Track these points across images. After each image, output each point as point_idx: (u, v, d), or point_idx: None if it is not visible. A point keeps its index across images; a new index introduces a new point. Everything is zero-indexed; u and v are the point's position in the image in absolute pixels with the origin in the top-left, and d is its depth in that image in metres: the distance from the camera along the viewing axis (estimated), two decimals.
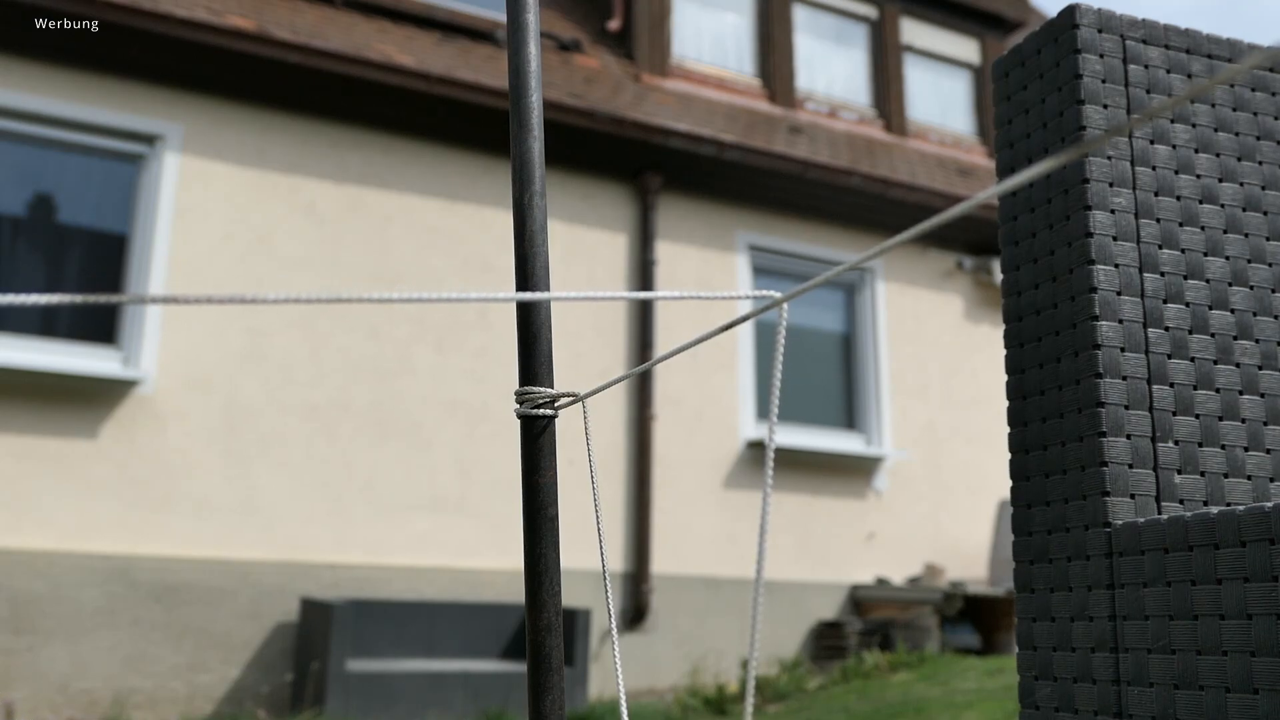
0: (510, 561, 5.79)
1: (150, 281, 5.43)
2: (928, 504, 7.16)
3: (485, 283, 6.14)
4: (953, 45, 8.78)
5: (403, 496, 5.74)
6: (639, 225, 6.69)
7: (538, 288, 0.78)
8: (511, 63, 0.82)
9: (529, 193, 0.79)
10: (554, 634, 0.76)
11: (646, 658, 6.14)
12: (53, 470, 5.07)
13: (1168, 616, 0.92)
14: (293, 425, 5.57)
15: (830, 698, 5.09)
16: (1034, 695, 1.05)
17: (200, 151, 5.66)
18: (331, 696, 4.68)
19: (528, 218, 0.79)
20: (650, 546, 6.26)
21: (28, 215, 5.56)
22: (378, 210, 6.01)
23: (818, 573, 6.74)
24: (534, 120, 0.80)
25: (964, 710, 4.18)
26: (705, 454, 6.57)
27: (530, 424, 0.77)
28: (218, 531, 5.33)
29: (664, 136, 6.49)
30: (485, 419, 5.98)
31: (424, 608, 5.39)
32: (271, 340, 5.60)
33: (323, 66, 5.73)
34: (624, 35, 7.66)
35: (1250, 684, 0.83)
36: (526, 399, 0.77)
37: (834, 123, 7.95)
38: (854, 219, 7.34)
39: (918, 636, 6.14)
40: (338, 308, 5.78)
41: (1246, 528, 0.85)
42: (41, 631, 4.94)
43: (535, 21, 0.83)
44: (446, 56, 6.32)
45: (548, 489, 0.77)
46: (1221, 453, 1.06)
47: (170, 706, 5.11)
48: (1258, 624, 0.83)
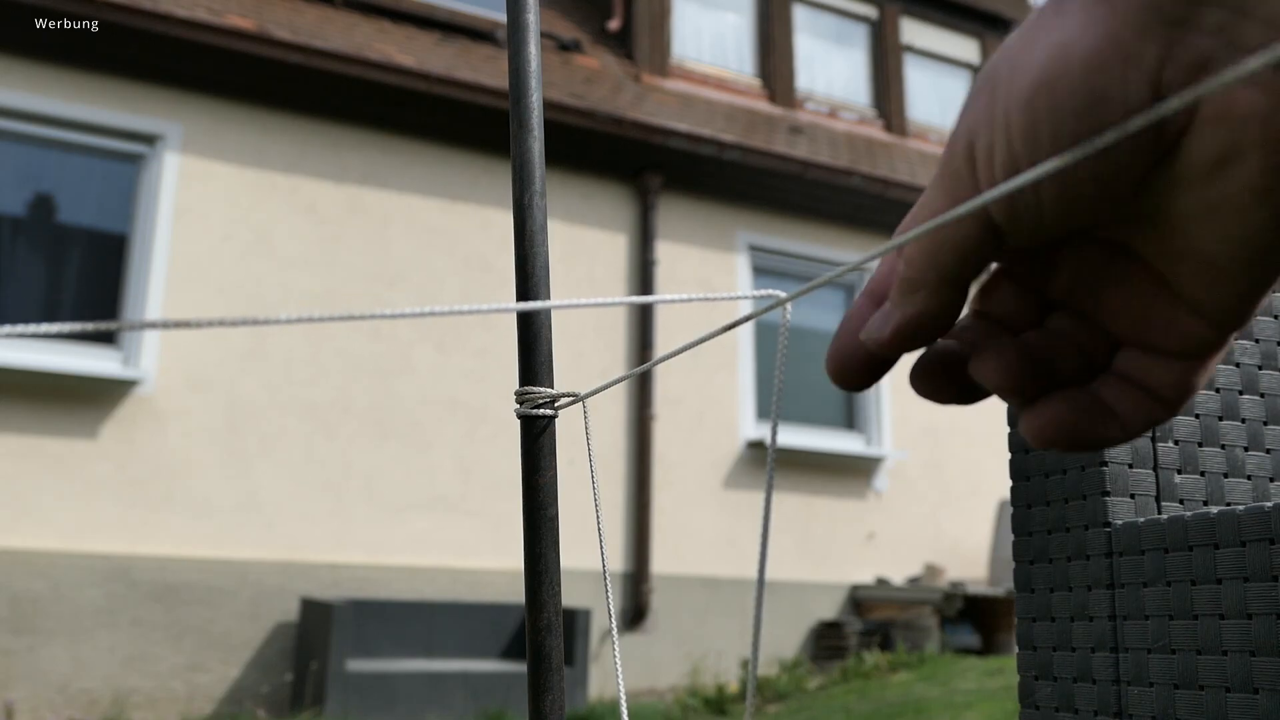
0: (510, 561, 5.79)
1: (150, 281, 5.43)
2: (928, 504, 7.16)
3: (485, 283, 6.14)
4: (953, 45, 8.79)
5: (403, 496, 5.74)
6: (639, 225, 6.69)
7: (538, 288, 0.78)
8: (511, 63, 0.82)
9: (529, 193, 0.79)
10: (554, 634, 0.76)
11: (646, 658, 6.14)
12: (53, 470, 5.07)
13: (1168, 616, 0.92)
14: (293, 425, 5.57)
15: (830, 698, 5.09)
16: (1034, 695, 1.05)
17: (200, 151, 5.66)
18: (331, 696, 4.68)
19: (528, 218, 0.79)
20: (650, 546, 6.26)
21: (28, 215, 5.56)
22: (378, 210, 6.01)
23: (818, 573, 6.74)
24: (534, 120, 0.80)
25: (964, 710, 4.18)
26: (705, 454, 6.57)
27: (530, 424, 0.77)
28: (218, 531, 5.33)
29: (664, 136, 6.49)
30: (485, 419, 5.97)
31: (424, 608, 5.39)
32: (272, 340, 5.60)
33: (323, 66, 5.73)
34: (624, 35, 7.66)
35: (1250, 684, 0.83)
36: (526, 399, 0.77)
37: (834, 123, 7.95)
38: (854, 219, 7.34)
39: (918, 636, 6.14)
40: (337, 307, 5.79)
41: (1246, 528, 0.86)
42: (41, 631, 4.94)
43: (535, 21, 0.83)
44: (446, 56, 6.32)
45: (548, 489, 0.77)
46: (1221, 453, 1.06)
47: (170, 706, 5.11)
48: (1258, 624, 0.83)
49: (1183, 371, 0.34)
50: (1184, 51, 0.29)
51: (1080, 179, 0.30)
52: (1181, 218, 0.31)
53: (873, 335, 0.37)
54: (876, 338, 0.37)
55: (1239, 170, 0.29)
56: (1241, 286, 0.32)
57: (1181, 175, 0.30)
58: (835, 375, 0.39)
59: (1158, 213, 0.32)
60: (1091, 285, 0.35)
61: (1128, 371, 0.35)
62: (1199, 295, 0.32)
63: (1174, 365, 0.34)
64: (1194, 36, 0.29)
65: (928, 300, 0.35)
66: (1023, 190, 0.31)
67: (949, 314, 0.35)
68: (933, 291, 0.35)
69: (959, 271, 0.34)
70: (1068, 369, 0.36)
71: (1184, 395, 0.35)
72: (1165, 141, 0.30)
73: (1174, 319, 0.33)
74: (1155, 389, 0.35)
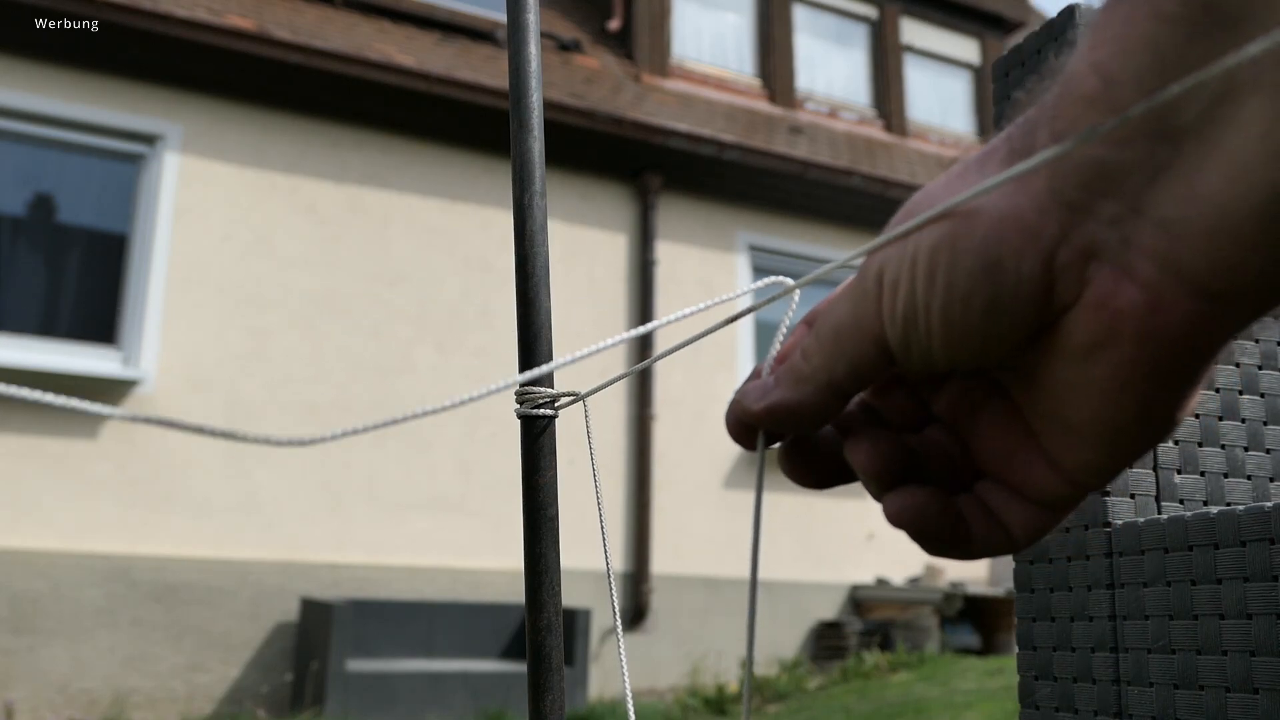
0: (510, 561, 5.79)
1: (150, 281, 5.43)
2: None
3: (485, 283, 6.14)
4: (953, 45, 8.78)
5: (403, 496, 5.74)
6: (639, 225, 6.69)
7: (538, 288, 0.78)
8: (511, 63, 0.82)
9: (529, 193, 0.79)
10: (554, 634, 0.76)
11: (646, 658, 6.14)
12: (53, 470, 5.07)
13: (1168, 616, 0.92)
14: (293, 425, 5.57)
15: (830, 698, 5.09)
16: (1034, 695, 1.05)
17: (200, 151, 5.66)
18: (331, 696, 4.68)
19: (528, 218, 0.79)
20: (650, 546, 6.26)
21: (28, 215, 5.56)
22: (378, 210, 6.01)
23: (818, 573, 6.74)
24: (534, 120, 0.80)
25: (964, 710, 4.19)
26: (705, 454, 6.57)
27: (530, 424, 0.77)
28: (218, 531, 5.33)
29: (664, 136, 6.49)
30: (485, 419, 5.97)
31: (424, 608, 5.39)
32: (272, 340, 5.60)
33: (323, 66, 5.72)
34: (624, 35, 7.66)
35: (1250, 684, 0.83)
36: (526, 399, 0.77)
37: (834, 123, 7.95)
38: (854, 219, 7.34)
39: (918, 637, 6.14)
40: (337, 307, 5.79)
41: (1246, 528, 0.86)
42: (41, 631, 4.94)
43: (535, 21, 0.82)
44: (446, 56, 6.32)
45: (548, 489, 0.77)
46: (1221, 453, 1.06)
47: (170, 706, 5.11)
48: (1258, 624, 0.84)
49: (1037, 516, 0.36)
50: (1079, 236, 0.30)
51: (966, 332, 0.32)
52: (1054, 384, 0.33)
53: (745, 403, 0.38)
54: (748, 407, 0.38)
55: (1110, 356, 0.31)
56: (1100, 458, 0.33)
57: (1059, 348, 0.32)
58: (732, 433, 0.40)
59: (1034, 374, 0.34)
60: (969, 411, 0.37)
61: (986, 499, 0.37)
62: (1059, 455, 0.34)
63: (1028, 508, 0.36)
64: (1090, 224, 0.30)
65: (810, 395, 0.37)
66: (916, 328, 0.33)
67: (824, 415, 0.37)
68: (818, 389, 0.36)
69: (847, 380, 0.36)
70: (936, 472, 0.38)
71: (1033, 537, 0.37)
72: (1049, 316, 0.32)
73: (1034, 467, 0.35)
74: (1008, 525, 0.37)
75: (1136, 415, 0.32)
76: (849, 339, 0.35)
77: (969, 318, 0.32)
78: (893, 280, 0.33)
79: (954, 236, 0.32)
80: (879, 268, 0.34)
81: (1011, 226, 0.31)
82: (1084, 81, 0.30)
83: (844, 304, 0.36)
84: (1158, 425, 0.32)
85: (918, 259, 0.33)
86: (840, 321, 0.36)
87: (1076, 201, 0.30)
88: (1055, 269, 0.31)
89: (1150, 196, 0.29)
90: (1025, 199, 0.31)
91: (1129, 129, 0.29)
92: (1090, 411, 0.32)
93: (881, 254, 0.34)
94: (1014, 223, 0.31)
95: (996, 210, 0.31)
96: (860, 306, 0.35)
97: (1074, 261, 0.30)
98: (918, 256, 0.33)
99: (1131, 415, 0.32)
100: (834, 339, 0.36)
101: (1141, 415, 0.32)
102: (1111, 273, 0.30)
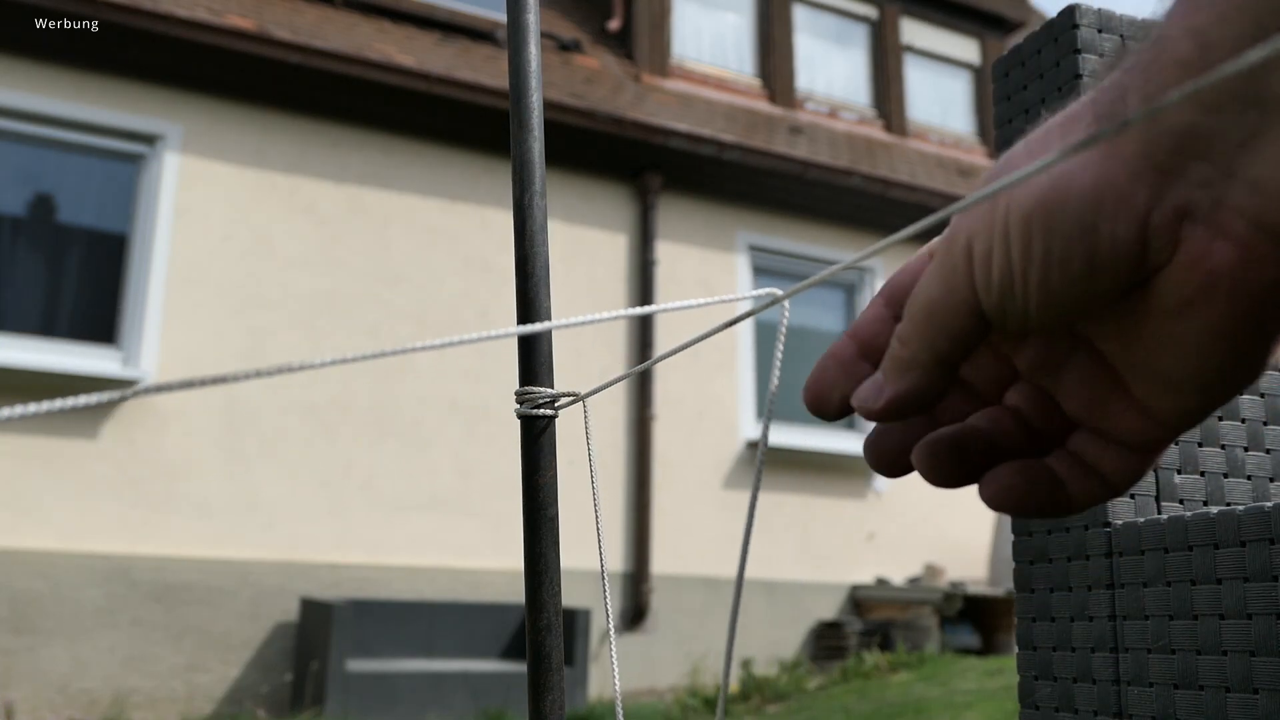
0: (510, 561, 5.79)
1: (150, 282, 5.43)
2: (928, 504, 7.16)
3: (485, 282, 6.14)
4: (953, 45, 8.78)
5: (402, 496, 5.74)
6: (639, 225, 6.69)
7: (538, 288, 0.78)
8: (511, 63, 0.82)
9: (529, 193, 0.79)
10: (554, 634, 0.76)
11: (646, 658, 6.14)
12: (53, 470, 5.07)
13: (1168, 616, 0.92)
14: (293, 425, 5.57)
15: (830, 698, 5.09)
16: (1034, 695, 1.05)
17: (200, 151, 5.66)
18: (331, 696, 4.68)
19: (528, 218, 0.79)
20: (650, 546, 6.26)
21: (28, 215, 5.56)
22: (378, 210, 6.01)
23: (818, 573, 6.74)
24: (534, 120, 0.80)
25: (964, 710, 4.19)
26: (705, 454, 6.57)
27: (530, 424, 0.77)
28: (218, 531, 5.33)
29: (664, 136, 6.49)
30: (485, 419, 5.97)
31: (424, 608, 5.39)
32: (272, 340, 5.60)
33: (323, 66, 5.72)
34: (624, 35, 7.66)
35: (1250, 684, 0.83)
36: (526, 399, 0.77)
37: (834, 123, 7.95)
38: (854, 219, 7.33)
39: (918, 637, 6.14)
40: (337, 307, 5.79)
41: (1246, 528, 0.86)
42: (41, 631, 4.94)
43: (535, 21, 0.82)
44: (446, 56, 6.32)
45: (548, 489, 0.77)
46: (1221, 452, 1.06)
47: (170, 706, 5.11)
48: (1258, 624, 0.83)
49: (1131, 460, 0.38)
50: (1171, 198, 0.31)
51: (1064, 295, 0.33)
52: (1147, 337, 0.34)
53: (865, 404, 0.40)
54: (870, 407, 0.39)
55: (1205, 312, 0.32)
56: (1191, 404, 0.35)
57: (1153, 305, 0.33)
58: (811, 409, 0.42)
59: (1125, 327, 0.35)
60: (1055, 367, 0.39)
61: (1080, 451, 0.39)
62: (1151, 401, 0.36)
63: (1123, 453, 0.38)
64: (1182, 186, 0.31)
65: (920, 379, 0.38)
66: (1013, 295, 0.34)
67: (940, 391, 0.38)
68: (926, 371, 0.38)
69: (951, 355, 0.37)
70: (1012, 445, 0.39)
71: (1130, 481, 0.38)
72: (1143, 274, 0.33)
73: (1125, 413, 0.37)
74: (1104, 473, 0.38)
75: (1229, 364, 0.33)
76: (944, 314, 0.36)
77: (1067, 282, 0.33)
78: (984, 251, 0.34)
79: (1047, 204, 0.32)
80: (966, 240, 0.35)
81: (1106, 192, 0.32)
82: (1178, 45, 0.30)
83: (933, 281, 0.36)
84: (1247, 372, 0.33)
85: (1010, 228, 0.33)
86: (932, 298, 0.36)
87: (1168, 165, 0.31)
88: (1150, 231, 0.32)
89: (1242, 159, 0.30)
90: (1118, 163, 0.31)
91: (1222, 95, 0.29)
92: (1184, 362, 0.33)
93: (967, 227, 0.35)
94: (1109, 188, 0.31)
95: (1089, 176, 0.32)
96: (951, 280, 0.36)
97: (1167, 223, 0.31)
98: (1010, 226, 0.33)
99: (1224, 364, 0.33)
100: (928, 318, 0.37)
101: (1233, 364, 0.33)
102: (1205, 232, 0.31)
